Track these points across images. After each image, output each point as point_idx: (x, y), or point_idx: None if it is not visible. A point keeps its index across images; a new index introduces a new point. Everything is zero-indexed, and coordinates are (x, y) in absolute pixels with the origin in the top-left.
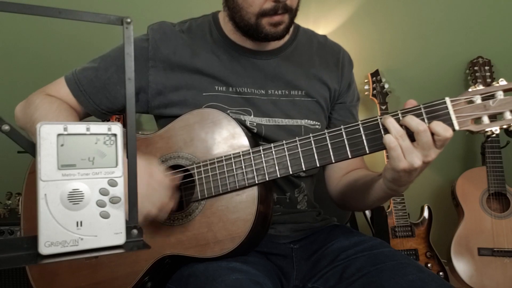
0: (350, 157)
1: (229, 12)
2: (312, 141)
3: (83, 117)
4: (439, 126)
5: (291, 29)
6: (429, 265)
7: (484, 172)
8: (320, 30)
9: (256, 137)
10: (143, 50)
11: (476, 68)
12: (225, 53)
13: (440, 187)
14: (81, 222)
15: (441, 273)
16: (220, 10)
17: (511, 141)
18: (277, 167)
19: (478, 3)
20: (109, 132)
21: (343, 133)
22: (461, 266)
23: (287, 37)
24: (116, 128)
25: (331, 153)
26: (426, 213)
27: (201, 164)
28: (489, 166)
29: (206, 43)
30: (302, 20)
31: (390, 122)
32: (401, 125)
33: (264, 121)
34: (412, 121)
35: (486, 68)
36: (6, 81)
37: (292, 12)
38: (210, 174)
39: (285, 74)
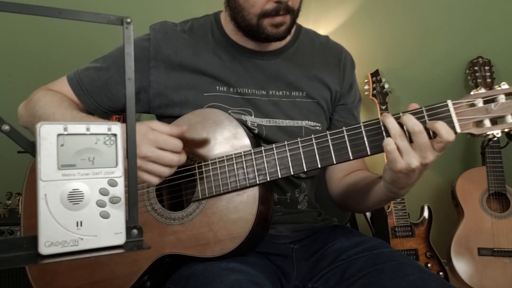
0: (351, 158)
1: (230, 12)
2: (314, 142)
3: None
4: (443, 128)
5: (293, 30)
6: (429, 265)
7: (484, 172)
8: (320, 30)
9: (257, 138)
10: (144, 50)
11: (476, 68)
12: (226, 53)
13: (440, 187)
14: (81, 222)
15: (441, 273)
16: (222, 10)
17: (511, 142)
18: (278, 168)
19: (479, 3)
20: (109, 132)
21: (345, 134)
22: (461, 266)
23: (289, 38)
24: (116, 128)
25: (333, 154)
26: (426, 213)
27: (203, 163)
28: (489, 166)
29: (207, 43)
30: (302, 20)
31: (390, 122)
32: (402, 126)
33: (264, 121)
34: (409, 121)
35: (486, 68)
36: (6, 81)
37: (294, 13)
38: (211, 173)
39: (286, 75)
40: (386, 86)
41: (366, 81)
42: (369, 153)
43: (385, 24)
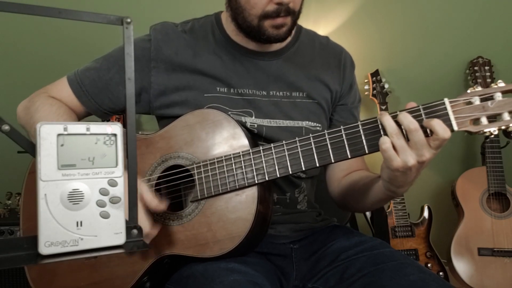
0: (349, 157)
1: (231, 13)
2: (312, 141)
3: (83, 117)
4: (439, 126)
5: (294, 30)
6: (429, 265)
7: (484, 172)
8: (320, 30)
9: (256, 138)
10: (145, 51)
11: (476, 68)
12: (227, 54)
13: (440, 187)
14: (81, 222)
15: (441, 273)
16: (222, 11)
17: (511, 141)
18: (276, 167)
19: (478, 3)
20: (109, 132)
21: (343, 133)
22: (461, 266)
23: (289, 39)
24: (116, 128)
25: (331, 153)
26: (426, 213)
27: (201, 164)
28: (489, 166)
29: (208, 43)
30: (302, 20)
31: (387, 120)
32: (399, 124)
33: (265, 122)
34: (405, 119)
35: (486, 68)
36: (6, 81)
37: (295, 15)
38: (210, 174)
39: (287, 76)
40: (386, 86)
41: (366, 81)
42: (367, 151)
43: (385, 24)
